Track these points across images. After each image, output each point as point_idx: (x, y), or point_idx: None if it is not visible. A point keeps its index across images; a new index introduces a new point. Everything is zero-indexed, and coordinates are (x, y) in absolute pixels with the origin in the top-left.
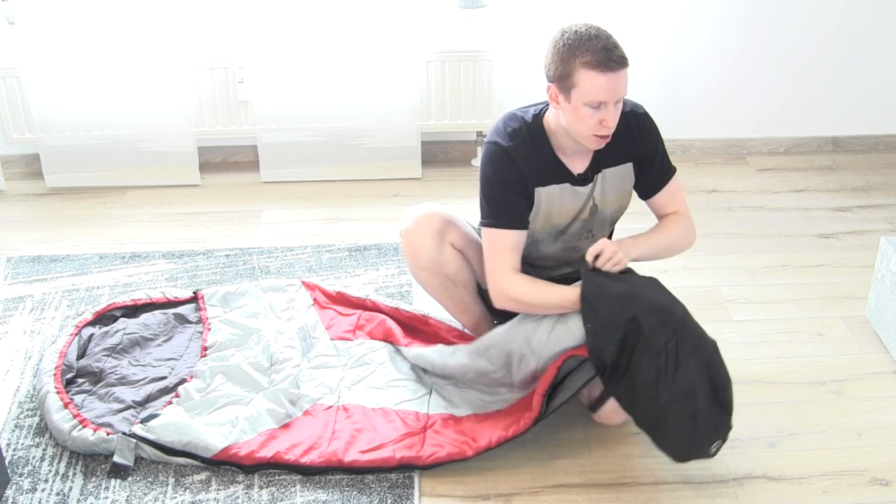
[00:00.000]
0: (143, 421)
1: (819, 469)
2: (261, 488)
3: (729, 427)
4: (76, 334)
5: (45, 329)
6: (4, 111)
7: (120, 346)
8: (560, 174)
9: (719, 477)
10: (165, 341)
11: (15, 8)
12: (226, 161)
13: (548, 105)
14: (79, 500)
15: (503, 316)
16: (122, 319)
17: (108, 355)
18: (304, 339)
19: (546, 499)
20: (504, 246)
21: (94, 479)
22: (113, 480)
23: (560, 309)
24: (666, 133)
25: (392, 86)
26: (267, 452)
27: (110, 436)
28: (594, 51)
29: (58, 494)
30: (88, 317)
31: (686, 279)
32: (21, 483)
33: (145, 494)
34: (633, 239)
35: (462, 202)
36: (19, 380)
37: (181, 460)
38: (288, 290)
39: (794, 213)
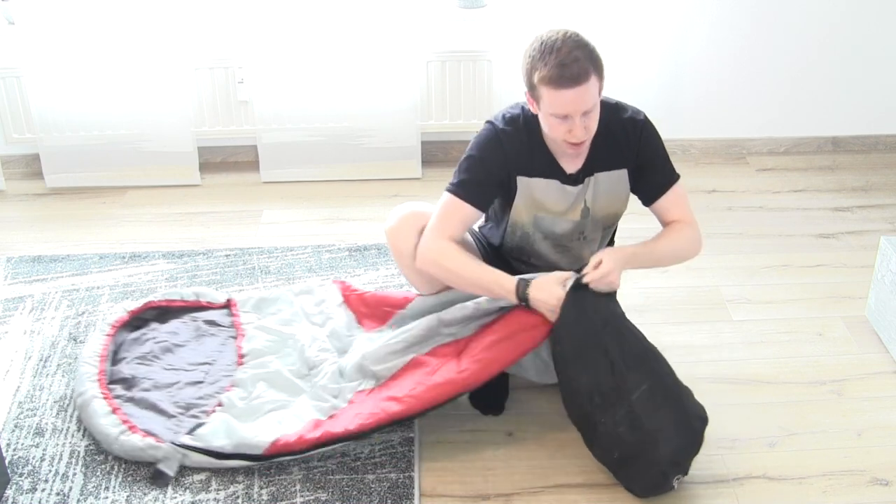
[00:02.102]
0: (190, 431)
1: (819, 469)
2: (261, 488)
3: (690, 461)
4: (112, 336)
5: (45, 329)
6: (4, 111)
7: (151, 353)
8: (551, 170)
9: (719, 477)
10: (197, 345)
11: (15, 8)
12: (226, 161)
13: None
14: (79, 500)
15: None
16: (152, 325)
17: (140, 363)
18: (338, 339)
19: (546, 499)
20: (456, 216)
21: (94, 479)
22: (113, 480)
23: (486, 291)
24: (666, 133)
25: (392, 86)
26: (315, 433)
27: (159, 444)
28: (550, 67)
29: (58, 494)
30: (124, 315)
31: (686, 279)
32: (21, 483)
33: (145, 494)
34: (632, 249)
35: None
36: (19, 380)
37: (233, 463)
38: (318, 290)
39: (794, 213)
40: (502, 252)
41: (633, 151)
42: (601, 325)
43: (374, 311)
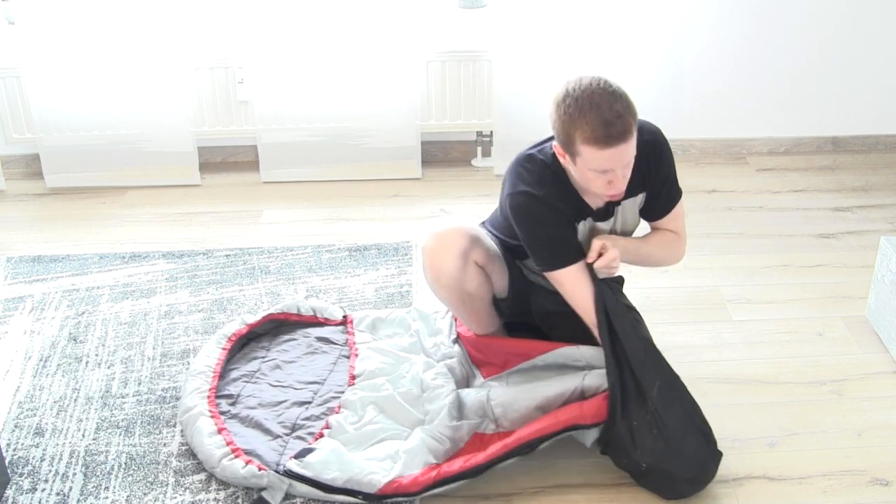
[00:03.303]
0: (298, 456)
1: (819, 469)
2: (261, 488)
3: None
4: (229, 350)
5: (45, 329)
6: (4, 111)
7: (259, 371)
8: (582, 211)
9: (719, 477)
10: (308, 362)
11: (15, 8)
12: (226, 161)
13: None
14: (79, 500)
15: (514, 326)
16: (263, 342)
17: (247, 382)
18: (454, 373)
19: (546, 499)
20: (581, 280)
21: (94, 479)
22: (113, 480)
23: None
24: (666, 133)
25: (392, 86)
26: (431, 475)
27: (262, 472)
28: (593, 126)
29: (58, 494)
30: (242, 328)
31: (686, 279)
32: (21, 483)
33: (145, 494)
34: (624, 242)
35: (462, 202)
36: (19, 380)
37: (341, 498)
38: (433, 317)
39: (794, 213)
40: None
41: (653, 175)
42: (614, 319)
43: (488, 356)
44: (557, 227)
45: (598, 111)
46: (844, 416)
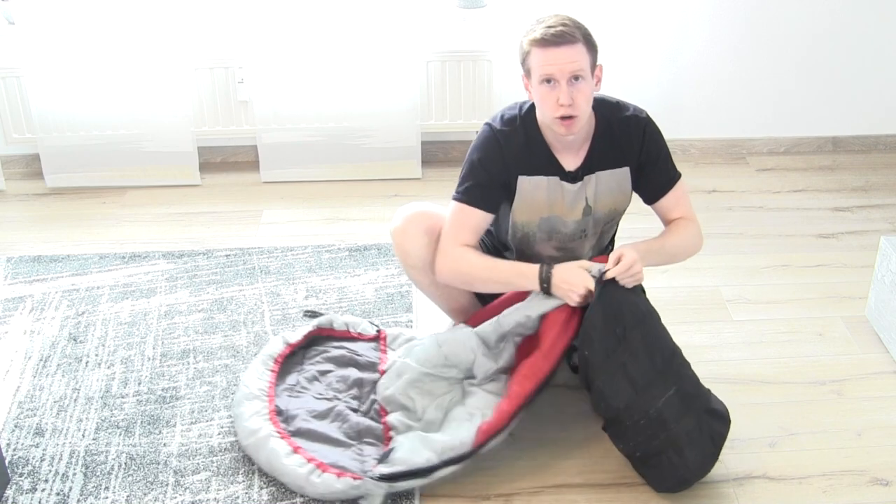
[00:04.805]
0: (381, 461)
1: (819, 469)
2: (261, 488)
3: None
4: (277, 372)
5: (45, 329)
6: (4, 111)
7: (298, 385)
8: (550, 167)
9: (719, 477)
10: (343, 372)
11: (15, 8)
12: (226, 161)
13: None
14: (79, 500)
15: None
16: (296, 355)
17: (290, 396)
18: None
19: (546, 499)
20: (466, 224)
21: (94, 479)
22: (113, 480)
23: (507, 284)
24: (666, 133)
25: (392, 86)
26: (512, 404)
27: (357, 481)
28: (539, 30)
29: (58, 494)
30: (285, 349)
31: (686, 279)
32: (21, 483)
33: (145, 494)
34: (646, 244)
35: None
36: (19, 380)
37: (444, 472)
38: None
39: (794, 213)
40: (504, 254)
41: (636, 150)
42: (617, 340)
43: None
44: (489, 169)
45: (546, 22)
46: (844, 416)
